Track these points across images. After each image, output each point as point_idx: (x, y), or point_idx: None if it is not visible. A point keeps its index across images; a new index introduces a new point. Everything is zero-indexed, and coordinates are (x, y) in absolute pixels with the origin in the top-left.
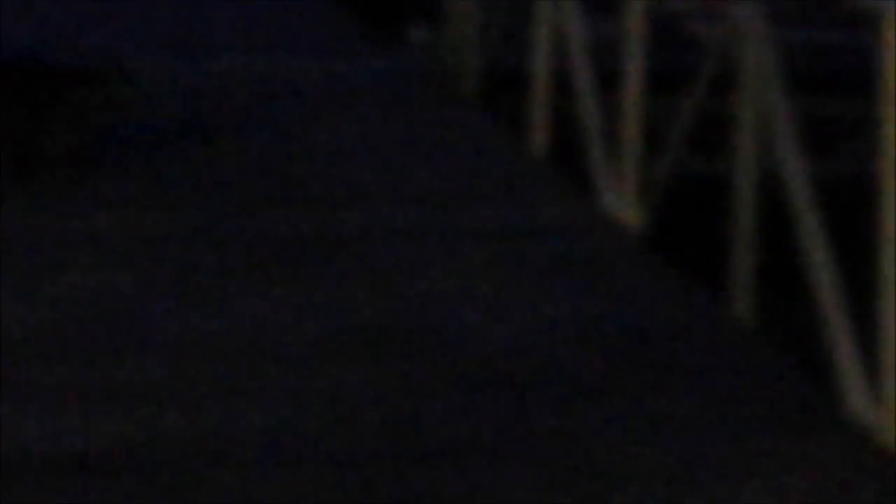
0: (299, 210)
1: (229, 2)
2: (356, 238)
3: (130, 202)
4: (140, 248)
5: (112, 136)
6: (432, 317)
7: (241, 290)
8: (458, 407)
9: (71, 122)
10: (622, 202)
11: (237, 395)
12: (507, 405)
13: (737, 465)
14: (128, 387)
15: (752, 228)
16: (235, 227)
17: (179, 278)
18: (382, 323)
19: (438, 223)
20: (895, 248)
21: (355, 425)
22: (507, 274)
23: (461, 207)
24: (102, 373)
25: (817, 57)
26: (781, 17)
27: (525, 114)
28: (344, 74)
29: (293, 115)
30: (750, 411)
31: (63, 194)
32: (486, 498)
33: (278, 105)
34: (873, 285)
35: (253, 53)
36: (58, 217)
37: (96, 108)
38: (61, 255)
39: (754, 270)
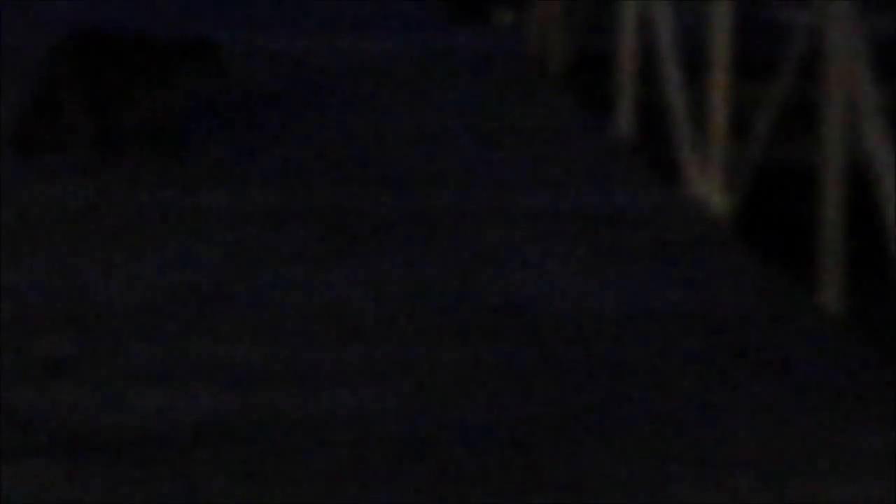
0: (386, 189)
1: None
2: (444, 218)
3: (220, 177)
4: (231, 223)
5: (203, 110)
6: (520, 300)
7: (330, 268)
8: (552, 390)
9: (163, 95)
10: (709, 188)
11: (326, 373)
12: (599, 389)
13: (823, 457)
14: (223, 364)
15: (840, 216)
16: (323, 203)
17: (270, 254)
18: (473, 304)
19: (525, 206)
20: None
21: (446, 406)
22: (593, 259)
23: (547, 190)
24: (197, 350)
25: None
26: (868, 3)
27: (611, 97)
28: (429, 54)
29: (379, 93)
30: (838, 402)
31: (154, 168)
32: (582, 479)
33: (365, 82)
34: None
35: (337, 31)
36: (149, 191)
37: (189, 81)
38: (153, 230)
39: (843, 259)
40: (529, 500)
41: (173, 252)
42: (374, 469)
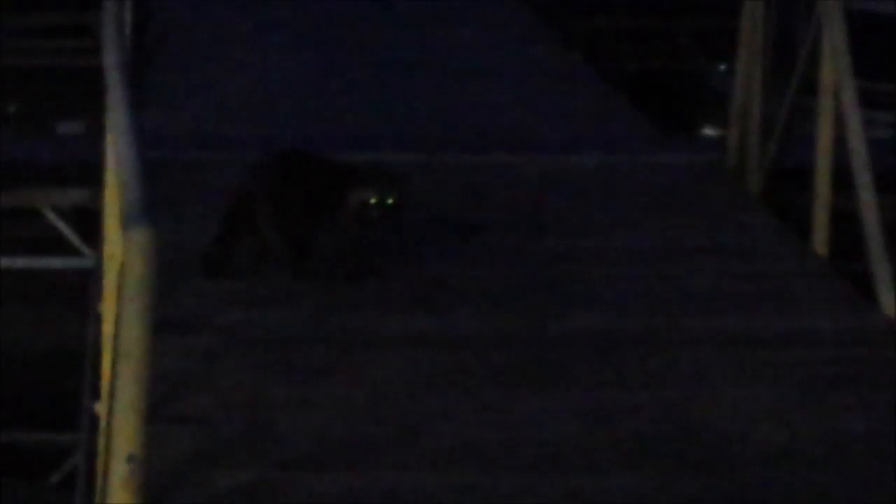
0: (578, 311)
1: (503, 90)
2: (634, 342)
3: (409, 304)
4: (421, 351)
5: (386, 235)
6: (709, 424)
7: (517, 395)
8: None
9: (348, 222)
10: None
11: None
12: None
13: None
14: (404, 495)
15: None
16: (513, 329)
17: (454, 382)
18: (657, 429)
19: (718, 327)
20: None
21: None
22: (786, 382)
23: (741, 311)
24: (384, 479)
25: None
26: None
27: (808, 213)
28: (630, 170)
29: (573, 213)
30: None
31: (343, 295)
32: None
33: (559, 200)
34: None
35: (533, 148)
36: (339, 318)
37: (371, 207)
38: (341, 357)
39: None
40: None
41: (358, 379)
42: None
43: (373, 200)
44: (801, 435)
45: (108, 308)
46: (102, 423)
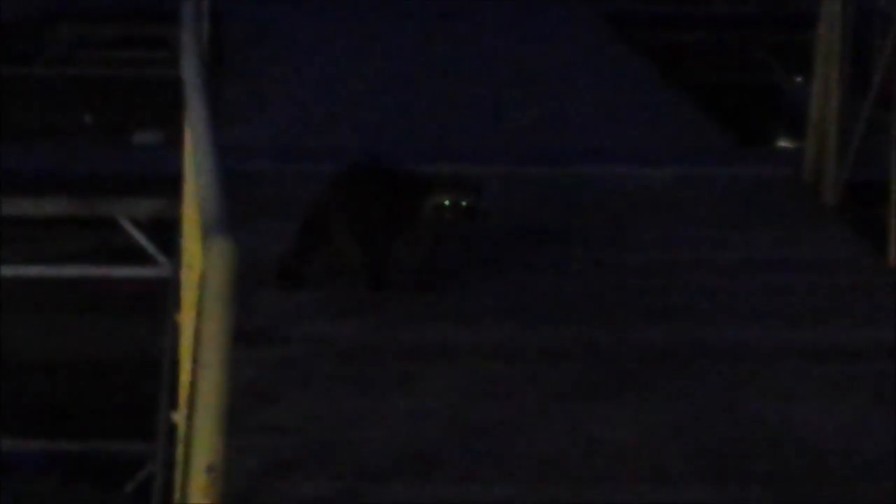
0: (654, 323)
1: (579, 102)
2: (712, 354)
3: (485, 314)
4: (497, 362)
5: (464, 245)
6: (788, 437)
7: (593, 406)
8: None
9: (424, 232)
10: None
11: None
12: None
13: None
14: None
15: None
16: (589, 340)
17: (529, 393)
18: (736, 443)
19: (796, 340)
20: None
21: None
22: (865, 395)
23: (820, 324)
24: (461, 490)
25: None
26: None
27: (884, 226)
28: (706, 182)
29: (649, 225)
30: None
31: (419, 306)
32: None
33: (635, 212)
34: None
35: (608, 160)
36: (414, 329)
37: (448, 216)
38: (417, 368)
39: None
40: None
41: (439, 391)
42: None
43: (447, 202)
44: (882, 449)
45: (186, 319)
46: (181, 434)
